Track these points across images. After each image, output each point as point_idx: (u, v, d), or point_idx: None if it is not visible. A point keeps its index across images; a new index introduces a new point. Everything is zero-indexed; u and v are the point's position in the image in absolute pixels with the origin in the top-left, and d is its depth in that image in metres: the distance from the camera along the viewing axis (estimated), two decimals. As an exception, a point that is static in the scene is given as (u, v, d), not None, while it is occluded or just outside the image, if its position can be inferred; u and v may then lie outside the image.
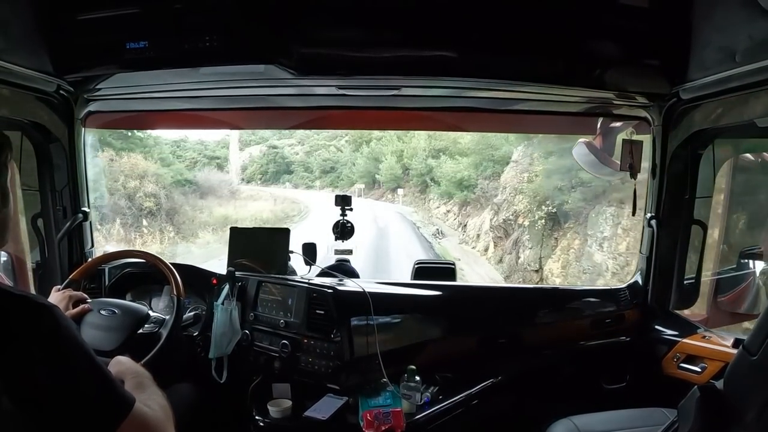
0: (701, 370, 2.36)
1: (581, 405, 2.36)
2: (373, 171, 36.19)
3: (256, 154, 41.44)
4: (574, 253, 14.48)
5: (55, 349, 1.05)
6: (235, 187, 31.91)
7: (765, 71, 1.81)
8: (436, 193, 27.95)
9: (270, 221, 25.88)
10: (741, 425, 1.31)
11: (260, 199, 31.68)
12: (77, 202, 2.65)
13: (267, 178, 40.25)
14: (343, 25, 2.04)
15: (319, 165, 40.27)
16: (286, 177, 40.37)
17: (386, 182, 35.22)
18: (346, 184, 37.13)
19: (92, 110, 2.63)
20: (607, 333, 2.69)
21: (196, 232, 22.10)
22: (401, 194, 33.64)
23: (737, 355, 1.36)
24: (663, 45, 2.13)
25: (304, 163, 41.11)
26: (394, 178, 34.33)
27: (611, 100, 2.52)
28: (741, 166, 3.03)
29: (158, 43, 2.02)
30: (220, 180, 30.18)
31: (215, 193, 27.63)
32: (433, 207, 28.24)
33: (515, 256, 16.33)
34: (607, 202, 13.57)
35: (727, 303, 2.83)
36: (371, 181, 36.59)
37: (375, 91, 2.44)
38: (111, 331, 2.13)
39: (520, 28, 2.05)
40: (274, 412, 2.21)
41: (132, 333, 2.15)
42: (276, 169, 40.91)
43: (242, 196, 30.79)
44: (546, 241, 15.46)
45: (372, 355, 2.24)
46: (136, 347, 2.09)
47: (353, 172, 38.16)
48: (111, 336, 2.11)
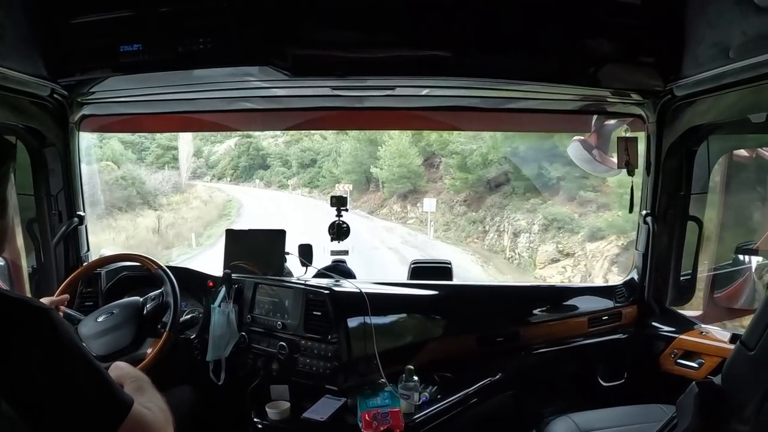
0: (699, 366, 2.38)
1: (579, 402, 2.38)
2: (367, 163, 25.63)
3: (231, 147, 34.62)
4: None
5: (54, 352, 1.04)
6: (183, 186, 28.19)
7: (759, 67, 1.81)
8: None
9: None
10: (740, 420, 1.32)
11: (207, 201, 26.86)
12: (72, 207, 2.63)
13: (238, 174, 33.57)
14: (337, 26, 2.03)
15: (297, 157, 31.72)
16: (260, 173, 33.01)
17: (389, 182, 24.38)
18: (327, 183, 28.41)
19: (87, 114, 2.62)
20: (604, 330, 2.70)
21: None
22: (430, 206, 20.82)
23: (735, 350, 1.36)
24: (657, 42, 2.13)
25: (282, 156, 32.76)
26: (408, 174, 23.63)
27: (606, 97, 2.52)
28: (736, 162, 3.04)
29: (152, 45, 2.01)
30: (168, 180, 26.57)
31: (158, 193, 24.67)
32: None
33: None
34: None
35: (724, 299, 2.84)
36: (363, 179, 26.52)
37: (369, 92, 2.45)
38: (119, 328, 2.18)
39: (515, 27, 2.05)
40: (272, 414, 2.21)
41: (140, 318, 2.22)
42: (249, 163, 33.55)
43: (175, 200, 25.51)
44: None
45: (370, 355, 2.24)
46: (152, 325, 2.23)
47: (337, 165, 28.51)
48: (123, 332, 2.17)
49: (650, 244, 2.61)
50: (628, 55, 2.16)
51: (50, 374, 1.03)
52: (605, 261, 15.53)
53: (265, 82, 2.31)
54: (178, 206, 24.86)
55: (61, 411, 1.03)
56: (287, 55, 2.02)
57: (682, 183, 2.53)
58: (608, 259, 15.44)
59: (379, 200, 25.61)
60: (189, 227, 22.18)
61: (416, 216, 22.84)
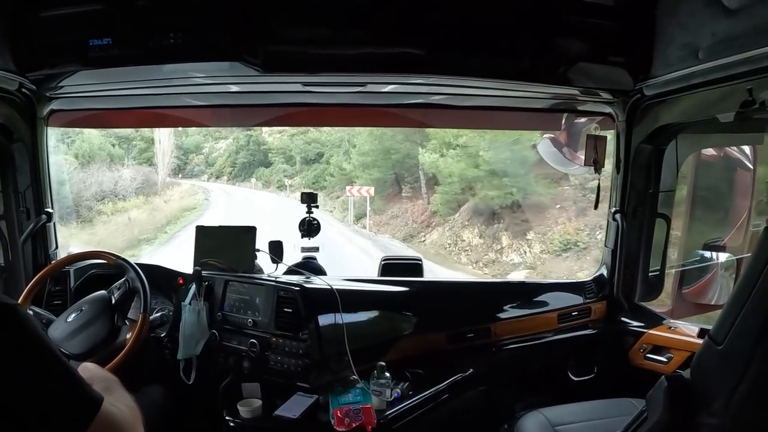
0: (668, 360, 2.43)
1: (550, 397, 2.40)
2: (403, 150, 18.31)
3: (231, 142, 30.48)
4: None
5: (21, 349, 1.02)
6: (161, 186, 24.63)
7: (727, 68, 1.85)
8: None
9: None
10: (709, 413, 1.34)
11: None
12: (41, 203, 2.59)
13: (236, 172, 29.54)
14: (308, 23, 2.03)
15: (301, 151, 26.38)
16: (261, 171, 28.45)
17: (461, 183, 15.40)
18: (336, 183, 22.24)
19: (55, 109, 2.59)
20: (573, 326, 2.74)
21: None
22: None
23: (703, 344, 1.39)
24: (627, 42, 2.17)
25: (285, 151, 27.67)
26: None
27: (576, 96, 2.56)
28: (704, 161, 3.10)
29: (122, 39, 1.99)
30: (141, 177, 22.95)
31: (110, 195, 20.51)
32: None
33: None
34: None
35: (692, 294, 2.89)
36: (390, 178, 19.31)
37: (340, 88, 2.45)
38: (92, 323, 2.18)
39: (486, 26, 2.07)
40: (244, 412, 2.20)
41: (110, 309, 2.23)
42: (248, 159, 29.11)
43: (127, 205, 20.57)
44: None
45: (341, 352, 2.23)
46: (123, 312, 2.26)
47: (349, 158, 21.41)
48: (97, 326, 2.18)
49: (619, 241, 2.65)
50: (598, 54, 2.20)
51: (17, 371, 1.01)
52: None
53: (235, 77, 2.31)
54: (125, 212, 19.94)
55: (28, 410, 1.01)
56: (258, 51, 2.01)
57: (651, 181, 2.57)
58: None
59: (422, 214, 16.97)
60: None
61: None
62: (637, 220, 2.61)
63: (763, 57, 1.67)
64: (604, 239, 2.85)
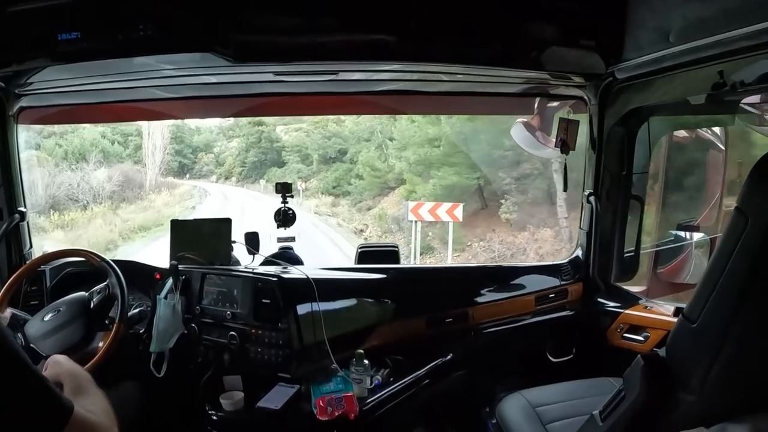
0: (644, 339, 2.47)
1: (530, 379, 2.42)
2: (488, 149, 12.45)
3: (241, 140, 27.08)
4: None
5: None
6: (149, 188, 21.57)
7: (698, 51, 1.86)
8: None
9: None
10: (685, 390, 1.37)
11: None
12: (13, 203, 2.55)
13: (246, 173, 26.17)
14: (279, 12, 2.01)
15: (318, 147, 22.28)
16: (273, 171, 24.40)
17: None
18: (367, 189, 17.60)
19: (24, 105, 2.55)
20: (551, 308, 2.77)
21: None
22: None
23: (677, 323, 1.41)
24: (598, 26, 2.19)
25: (300, 149, 23.71)
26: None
27: (548, 80, 2.57)
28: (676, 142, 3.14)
29: (91, 33, 1.95)
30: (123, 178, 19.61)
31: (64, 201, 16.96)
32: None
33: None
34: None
35: (666, 274, 2.93)
36: (471, 185, 13.39)
37: (313, 77, 2.44)
38: (68, 326, 2.17)
39: (457, 11, 2.07)
40: (226, 405, 2.19)
41: (88, 313, 2.22)
42: (259, 158, 25.46)
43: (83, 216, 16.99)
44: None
45: (320, 341, 2.23)
46: (100, 319, 2.24)
47: (385, 153, 17.03)
48: (72, 329, 2.17)
49: (594, 223, 2.69)
50: (570, 39, 2.22)
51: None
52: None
53: (207, 69, 2.28)
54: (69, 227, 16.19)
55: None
56: (229, 42, 1.99)
57: (624, 163, 2.60)
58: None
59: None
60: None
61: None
62: (611, 202, 2.64)
63: (733, 40, 1.68)
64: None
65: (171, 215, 16.24)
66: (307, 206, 18.51)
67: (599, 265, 2.74)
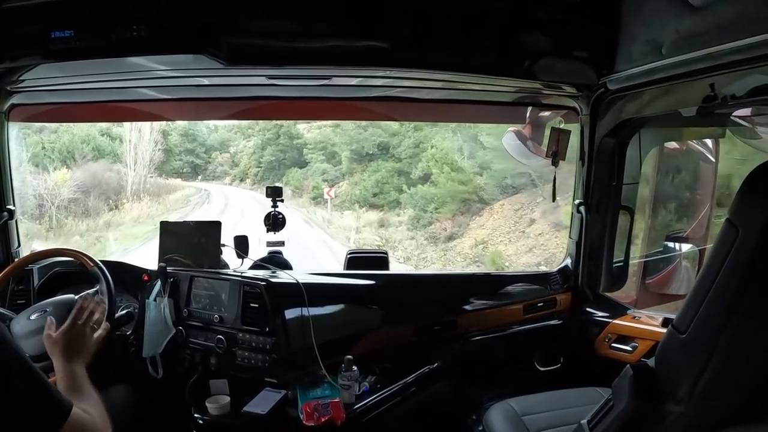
0: (632, 350, 2.47)
1: (518, 388, 2.42)
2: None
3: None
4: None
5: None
6: (129, 194, 18.63)
7: (690, 63, 1.87)
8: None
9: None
10: (674, 401, 1.36)
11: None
12: (2, 201, 2.54)
13: (262, 174, 22.71)
14: (273, 15, 2.01)
15: (350, 140, 18.52)
16: (293, 172, 21.30)
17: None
18: (441, 202, 13.97)
19: (16, 103, 2.53)
20: (539, 316, 2.77)
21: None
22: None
23: (667, 333, 1.40)
24: (591, 37, 2.21)
25: (325, 146, 20.21)
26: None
27: (540, 90, 2.59)
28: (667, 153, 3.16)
29: (85, 32, 1.94)
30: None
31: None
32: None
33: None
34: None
35: (655, 285, 2.94)
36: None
37: (306, 81, 2.43)
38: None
39: (452, 19, 2.08)
40: (212, 409, 2.18)
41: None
42: (276, 157, 22.14)
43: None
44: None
45: (308, 346, 2.22)
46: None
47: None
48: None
49: (583, 233, 2.69)
50: (563, 49, 2.24)
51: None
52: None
53: (200, 70, 2.27)
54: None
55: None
56: (223, 44, 1.99)
57: (614, 173, 2.61)
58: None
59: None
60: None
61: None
62: (601, 213, 2.65)
63: (725, 53, 1.70)
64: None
65: (131, 236, 14.42)
66: (341, 225, 13.58)
67: (588, 274, 2.74)
